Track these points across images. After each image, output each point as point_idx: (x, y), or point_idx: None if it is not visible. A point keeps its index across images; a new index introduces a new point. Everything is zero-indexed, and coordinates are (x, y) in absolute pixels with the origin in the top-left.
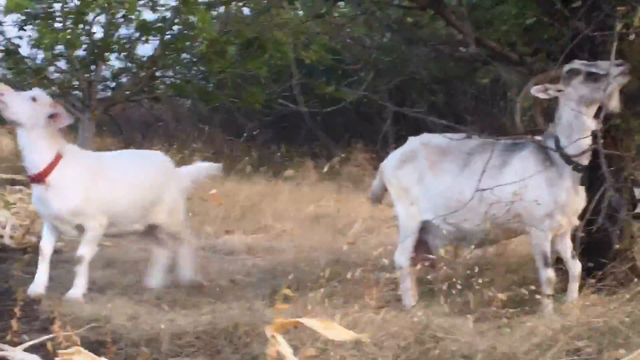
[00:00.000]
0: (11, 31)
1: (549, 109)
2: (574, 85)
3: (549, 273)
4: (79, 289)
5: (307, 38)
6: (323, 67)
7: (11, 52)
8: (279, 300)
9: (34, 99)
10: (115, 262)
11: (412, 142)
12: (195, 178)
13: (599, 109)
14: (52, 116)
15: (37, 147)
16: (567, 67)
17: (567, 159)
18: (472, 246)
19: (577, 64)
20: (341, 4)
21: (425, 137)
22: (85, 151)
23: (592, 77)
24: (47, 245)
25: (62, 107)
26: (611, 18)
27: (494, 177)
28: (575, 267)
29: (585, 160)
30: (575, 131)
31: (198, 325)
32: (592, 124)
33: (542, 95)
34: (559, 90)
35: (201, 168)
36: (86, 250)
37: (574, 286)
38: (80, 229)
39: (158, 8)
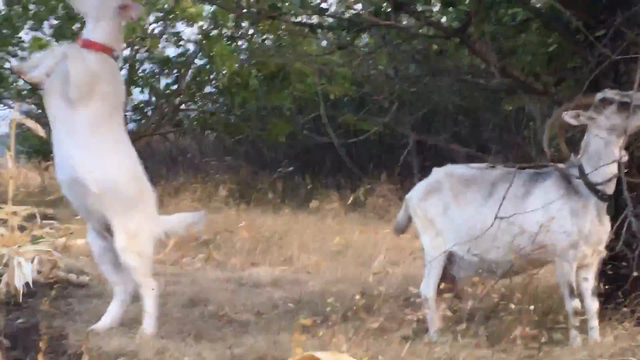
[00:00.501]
0: None
1: (574, 138)
2: (607, 115)
3: (575, 303)
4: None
5: (330, 70)
6: (347, 99)
7: (37, 88)
8: (298, 331)
9: None
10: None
11: (437, 173)
12: (170, 229)
13: None
14: (121, 7)
15: None
16: (599, 96)
17: (592, 188)
18: (497, 277)
19: (610, 93)
20: (364, 35)
21: (449, 167)
22: None
23: (625, 107)
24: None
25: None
26: (635, 45)
27: (517, 207)
28: (594, 305)
29: (610, 189)
30: (602, 160)
31: (224, 358)
32: (619, 154)
33: (573, 122)
34: (590, 118)
35: (181, 220)
36: None
37: (594, 324)
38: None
39: (182, 43)
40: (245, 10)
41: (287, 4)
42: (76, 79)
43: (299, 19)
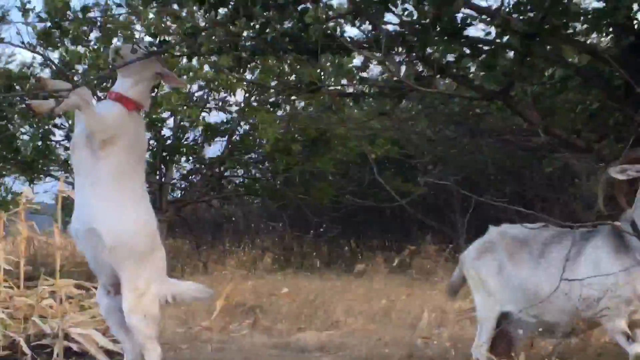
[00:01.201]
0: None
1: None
2: None
3: (635, 347)
4: None
5: (371, 133)
6: (389, 162)
7: None
8: None
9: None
10: None
11: (491, 232)
12: (177, 294)
13: None
14: (160, 75)
15: None
16: None
17: None
18: (556, 338)
19: None
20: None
21: (503, 227)
22: None
23: None
24: None
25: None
26: None
27: (569, 268)
28: None
29: None
30: None
31: None
32: None
33: (620, 177)
34: (638, 171)
35: (189, 288)
36: None
37: None
38: None
39: (227, 108)
40: (284, 87)
41: (326, 76)
42: (102, 125)
43: (339, 87)
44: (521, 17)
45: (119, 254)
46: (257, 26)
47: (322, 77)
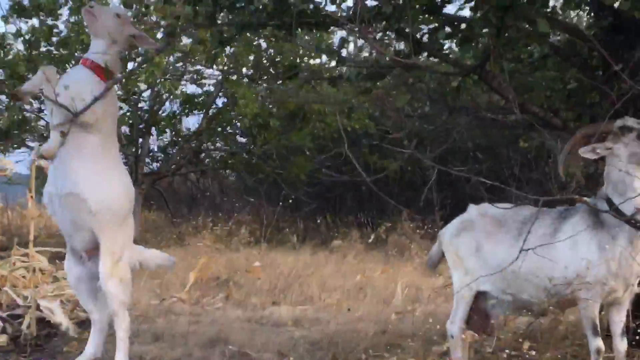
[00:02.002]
0: None
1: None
2: (625, 142)
3: (598, 343)
4: None
5: (349, 107)
6: (366, 137)
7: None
8: None
9: (118, 15)
10: (164, 336)
11: (471, 211)
12: (143, 261)
13: None
14: (133, 37)
15: None
16: (619, 123)
17: (623, 217)
18: (533, 316)
19: (630, 121)
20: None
21: (483, 207)
22: None
23: None
24: None
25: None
26: None
27: (547, 246)
28: (622, 345)
29: None
30: (628, 188)
31: None
32: None
33: (590, 156)
34: (607, 149)
35: (153, 256)
36: None
37: None
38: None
39: (204, 81)
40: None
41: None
42: (90, 113)
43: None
44: None
45: (102, 218)
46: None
47: (300, 55)
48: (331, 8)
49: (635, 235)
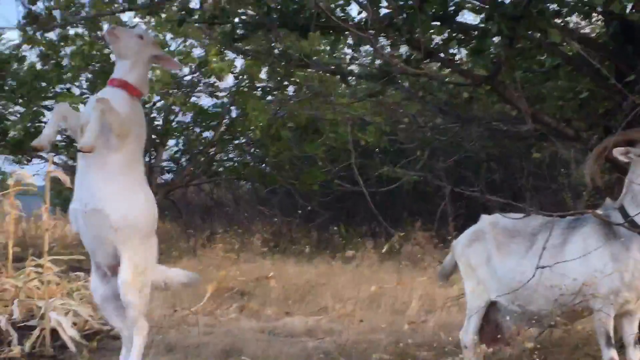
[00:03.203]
0: None
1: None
2: None
3: (612, 354)
4: None
5: (361, 119)
6: (379, 149)
7: (72, 140)
8: None
9: (140, 37)
10: (176, 347)
11: (482, 221)
12: (167, 280)
13: None
14: (156, 57)
15: None
16: None
17: (637, 228)
18: (542, 328)
19: None
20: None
21: (495, 217)
22: None
23: None
24: None
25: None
26: None
27: (555, 257)
28: (636, 356)
29: None
30: None
31: None
32: None
33: (622, 158)
34: (638, 155)
35: (177, 275)
36: None
37: None
38: None
39: (218, 94)
40: (275, 60)
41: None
42: (120, 119)
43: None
44: (508, 0)
45: (125, 234)
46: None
47: (311, 54)
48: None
49: None
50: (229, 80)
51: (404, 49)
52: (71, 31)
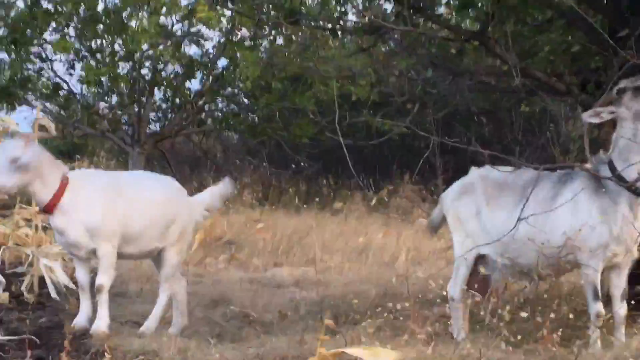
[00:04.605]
0: (61, 69)
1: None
2: (626, 104)
3: (598, 307)
4: (103, 320)
5: (352, 72)
6: (369, 101)
7: (58, 88)
8: (322, 332)
9: (13, 161)
10: None
11: (472, 174)
12: (210, 205)
13: None
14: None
15: (39, 187)
16: (615, 89)
17: (623, 182)
18: (530, 281)
19: (623, 82)
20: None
21: (484, 170)
22: (95, 171)
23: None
24: (82, 277)
25: (35, 137)
26: None
27: (546, 210)
28: (622, 309)
29: None
30: (633, 153)
31: (246, 358)
32: None
33: (594, 120)
34: (611, 112)
35: (214, 193)
36: (105, 279)
37: (621, 330)
38: (93, 254)
39: (202, 42)
40: (264, 17)
41: (306, 8)
42: None
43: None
44: None
45: None
46: None
47: (302, 9)
48: None
49: (635, 201)
50: (217, 31)
51: (389, 6)
52: None
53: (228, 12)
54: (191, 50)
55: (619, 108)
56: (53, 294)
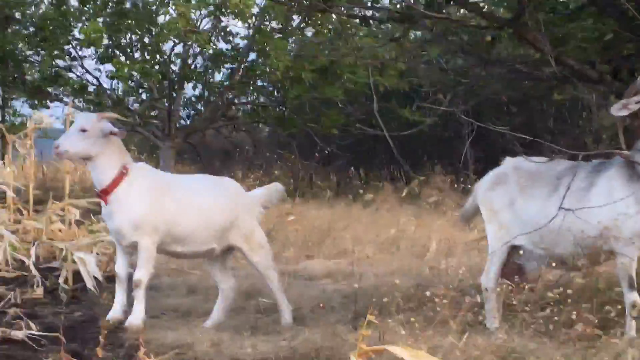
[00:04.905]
0: (92, 65)
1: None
2: None
3: (634, 297)
4: (138, 314)
5: (381, 63)
6: (399, 92)
7: (86, 85)
8: (362, 327)
9: (83, 130)
10: (198, 289)
11: (506, 164)
12: (266, 200)
13: None
14: (110, 133)
15: (100, 166)
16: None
17: None
18: (566, 270)
19: None
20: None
21: (518, 160)
22: (155, 169)
23: None
24: (120, 269)
25: (109, 117)
26: None
27: (581, 200)
28: None
29: None
30: None
31: (280, 351)
32: None
33: (623, 113)
34: (638, 102)
35: (271, 190)
36: (143, 273)
37: None
38: (135, 248)
39: (230, 39)
40: (296, 2)
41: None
42: None
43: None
44: None
45: None
46: None
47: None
48: None
49: None
50: (245, 24)
51: None
52: None
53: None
54: (221, 44)
55: None
56: (89, 285)
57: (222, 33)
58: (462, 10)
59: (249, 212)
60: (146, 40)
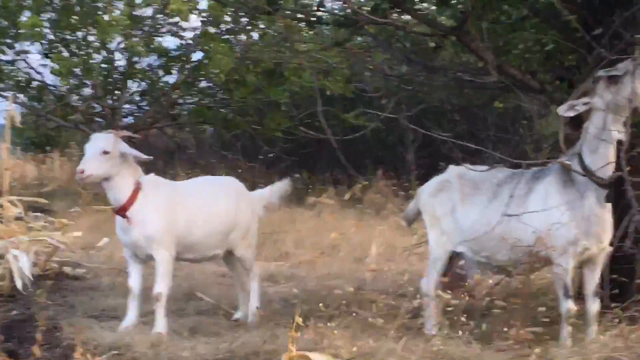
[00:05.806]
0: (35, 61)
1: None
2: (599, 94)
3: (569, 304)
4: (162, 327)
5: (327, 67)
6: (343, 96)
7: (30, 80)
8: (291, 329)
9: (105, 152)
10: None
11: (450, 172)
12: (268, 201)
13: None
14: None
15: (118, 185)
16: (591, 80)
17: (590, 174)
18: (507, 276)
19: (600, 72)
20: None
21: (462, 168)
22: (163, 180)
23: (613, 80)
24: (134, 283)
25: (124, 135)
26: (632, 46)
27: (519, 207)
28: (594, 306)
29: (608, 172)
30: (601, 143)
31: (218, 352)
32: (618, 135)
33: (569, 114)
34: (584, 103)
35: (274, 190)
36: (162, 287)
37: (592, 327)
38: (150, 258)
39: (182, 34)
40: (241, 5)
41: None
42: None
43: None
44: None
45: None
46: None
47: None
48: None
49: (604, 193)
50: (194, 23)
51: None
52: None
53: (202, 5)
54: (167, 42)
55: (592, 98)
56: (18, 285)
57: (172, 29)
58: (406, 17)
59: (250, 213)
60: (90, 38)
